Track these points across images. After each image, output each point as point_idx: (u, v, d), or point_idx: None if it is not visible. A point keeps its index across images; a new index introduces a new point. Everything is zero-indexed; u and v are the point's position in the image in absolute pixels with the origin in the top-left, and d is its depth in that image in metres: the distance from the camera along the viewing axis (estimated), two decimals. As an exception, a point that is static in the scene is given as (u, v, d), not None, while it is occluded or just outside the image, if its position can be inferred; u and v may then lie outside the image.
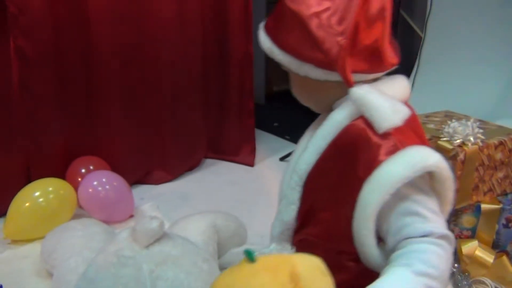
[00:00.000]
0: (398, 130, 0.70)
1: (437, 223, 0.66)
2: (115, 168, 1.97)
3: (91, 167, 1.93)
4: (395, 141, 0.69)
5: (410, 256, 0.62)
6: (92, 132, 2.01)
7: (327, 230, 0.76)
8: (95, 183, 1.81)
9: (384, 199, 0.65)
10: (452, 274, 1.34)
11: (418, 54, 2.40)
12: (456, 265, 1.33)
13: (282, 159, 2.52)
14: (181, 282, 1.15)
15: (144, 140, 2.12)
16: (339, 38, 0.71)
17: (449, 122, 1.36)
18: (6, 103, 1.78)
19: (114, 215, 1.80)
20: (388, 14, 0.75)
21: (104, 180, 1.83)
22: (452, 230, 1.16)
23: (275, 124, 3.13)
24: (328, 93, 0.82)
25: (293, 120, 3.27)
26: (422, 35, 2.47)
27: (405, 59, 2.67)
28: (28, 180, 1.85)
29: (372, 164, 0.68)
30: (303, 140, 0.92)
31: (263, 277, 0.50)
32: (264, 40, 0.83)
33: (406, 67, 2.75)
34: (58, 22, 1.80)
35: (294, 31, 0.76)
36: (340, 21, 0.71)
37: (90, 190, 1.80)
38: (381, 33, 0.75)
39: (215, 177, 2.27)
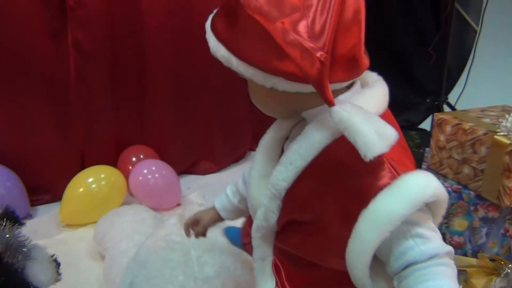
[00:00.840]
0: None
1: (439, 241, 0.62)
2: (164, 158, 2.03)
3: (141, 156, 1.99)
4: (388, 166, 0.62)
5: (427, 286, 0.58)
6: (143, 122, 2.08)
7: (311, 245, 0.70)
8: (145, 171, 1.87)
9: (383, 236, 0.59)
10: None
11: (474, 48, 2.31)
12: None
13: (327, 153, 2.49)
14: (228, 268, 1.18)
15: (192, 131, 2.16)
16: (319, 54, 0.58)
17: (506, 116, 1.30)
18: (64, 94, 1.87)
19: (162, 202, 1.85)
20: (363, 16, 0.67)
21: (153, 168, 1.88)
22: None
23: (321, 118, 3.09)
24: (298, 104, 0.70)
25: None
26: (478, 29, 2.37)
27: (460, 53, 2.58)
28: (82, 167, 1.93)
29: (366, 193, 0.60)
30: (270, 146, 0.78)
31: None
32: (217, 47, 0.69)
33: (460, 61, 2.65)
34: (113, 15, 1.87)
35: (257, 40, 0.62)
36: (317, 31, 0.59)
37: (140, 178, 1.86)
38: (357, 39, 0.67)
39: (260, 170, 2.28)
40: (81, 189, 1.76)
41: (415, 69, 2.80)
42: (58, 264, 0.94)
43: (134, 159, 1.99)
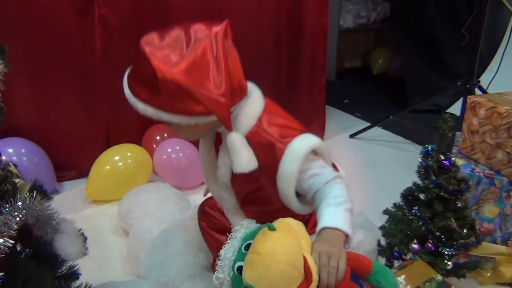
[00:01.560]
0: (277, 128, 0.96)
1: (328, 172, 0.95)
2: (187, 137, 2.02)
3: (165, 135, 1.99)
4: (278, 145, 0.93)
5: (326, 197, 0.90)
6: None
7: (265, 202, 1.03)
8: (169, 150, 1.88)
9: (293, 185, 0.93)
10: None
11: (510, 30, 2.21)
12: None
13: (352, 136, 2.46)
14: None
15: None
16: (222, 100, 0.86)
17: (545, 99, 1.25)
18: (90, 71, 1.87)
19: (186, 181, 1.85)
20: (237, 57, 0.95)
21: (177, 148, 1.88)
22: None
23: (346, 101, 3.06)
24: (213, 126, 0.98)
25: (364, 98, 3.19)
26: (513, 10, 2.27)
27: (492, 35, 2.48)
28: (107, 144, 1.95)
29: (274, 166, 0.93)
30: (207, 153, 1.07)
31: (288, 236, 0.77)
32: (145, 109, 0.92)
33: (493, 44, 2.56)
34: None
35: (179, 97, 0.86)
36: (218, 83, 0.86)
37: (164, 157, 1.87)
38: (240, 73, 0.95)
39: (284, 151, 2.26)
40: (107, 167, 1.78)
41: (445, 52, 2.72)
42: (85, 238, 0.95)
43: (158, 137, 1.99)
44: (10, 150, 1.71)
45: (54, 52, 1.78)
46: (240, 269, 0.76)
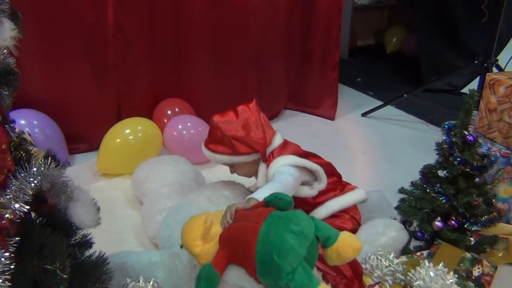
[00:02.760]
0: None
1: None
2: (198, 112, 2.02)
3: (177, 110, 1.99)
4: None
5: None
6: (179, 76, 2.06)
7: None
8: (180, 126, 1.87)
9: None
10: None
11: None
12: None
13: (364, 114, 2.44)
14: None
15: (228, 86, 2.13)
16: (261, 141, 1.32)
17: None
18: (102, 44, 1.85)
19: (197, 158, 1.84)
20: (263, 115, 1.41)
21: (189, 124, 1.87)
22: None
23: (358, 79, 3.02)
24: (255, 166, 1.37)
25: (377, 76, 3.15)
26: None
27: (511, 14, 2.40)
28: (119, 118, 1.95)
29: None
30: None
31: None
32: (221, 157, 1.34)
33: (511, 21, 2.49)
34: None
35: (236, 145, 1.31)
36: (258, 135, 1.33)
37: (175, 133, 1.86)
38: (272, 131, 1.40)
39: (295, 128, 2.26)
40: (118, 140, 1.78)
41: (462, 30, 2.66)
42: (98, 208, 0.95)
43: (169, 112, 1.98)
44: (23, 122, 1.71)
45: (66, 24, 1.76)
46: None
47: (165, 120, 1.94)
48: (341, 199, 1.33)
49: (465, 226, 1.21)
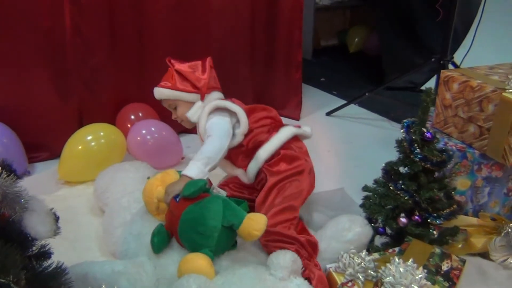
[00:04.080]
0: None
1: (209, 133, 1.35)
2: (163, 117, 1.99)
3: (140, 114, 1.96)
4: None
5: (198, 152, 1.30)
6: (142, 80, 2.03)
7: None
8: (143, 131, 1.84)
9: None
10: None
11: (482, 5, 2.23)
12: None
13: (328, 113, 2.47)
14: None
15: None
16: (203, 82, 1.44)
17: (515, 73, 1.27)
18: (60, 49, 1.81)
19: (162, 162, 1.83)
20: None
21: (153, 129, 1.85)
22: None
23: (322, 79, 3.06)
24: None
25: (340, 76, 3.20)
26: (486, -14, 2.30)
27: (466, 12, 2.50)
28: (81, 124, 1.90)
29: None
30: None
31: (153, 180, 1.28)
32: (162, 90, 1.46)
33: (466, 20, 2.58)
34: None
35: (185, 81, 1.44)
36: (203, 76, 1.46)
37: (139, 138, 1.83)
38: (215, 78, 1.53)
39: (261, 130, 2.26)
40: (80, 147, 1.74)
41: (420, 28, 2.73)
42: (57, 217, 0.92)
43: (133, 117, 1.95)
44: (-22, 131, 1.65)
45: (23, 29, 1.71)
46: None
47: (129, 125, 1.91)
48: (270, 142, 1.39)
49: (428, 220, 1.24)
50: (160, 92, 1.45)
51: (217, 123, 1.37)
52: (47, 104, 1.85)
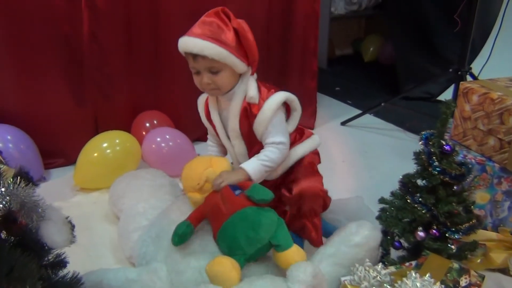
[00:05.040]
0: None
1: (278, 136, 1.22)
2: (177, 124, 2.00)
3: (155, 122, 1.96)
4: (261, 99, 1.23)
5: (260, 153, 1.24)
6: (158, 88, 2.04)
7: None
8: (158, 139, 1.84)
9: (264, 130, 1.24)
10: None
11: (502, 17, 2.21)
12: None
13: (343, 123, 2.45)
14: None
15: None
16: (256, 55, 1.26)
17: (537, 85, 1.25)
18: (78, 56, 1.83)
19: (176, 170, 1.82)
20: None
21: (167, 137, 1.85)
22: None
23: (337, 88, 3.04)
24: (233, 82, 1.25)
25: (355, 85, 3.18)
26: (505, -3, 2.27)
27: (484, 22, 2.47)
28: (96, 131, 1.92)
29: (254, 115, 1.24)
30: (216, 115, 1.33)
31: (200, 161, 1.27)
32: (209, 45, 1.16)
33: (484, 31, 2.56)
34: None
35: (240, 46, 1.21)
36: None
37: (154, 146, 1.84)
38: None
39: (275, 138, 2.25)
40: (95, 154, 1.75)
41: (436, 39, 2.71)
42: (72, 226, 0.92)
43: (148, 124, 1.96)
44: (-4, 137, 1.67)
45: (41, 36, 1.73)
46: None
47: (144, 133, 1.92)
48: (300, 147, 1.33)
49: (447, 234, 1.22)
50: (209, 49, 1.15)
51: (283, 124, 1.26)
52: (64, 111, 1.87)
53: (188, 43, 1.18)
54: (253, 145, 1.31)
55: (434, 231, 1.22)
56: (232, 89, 1.24)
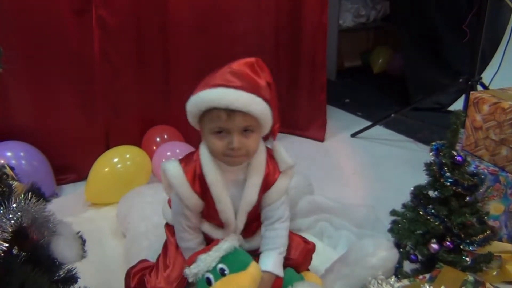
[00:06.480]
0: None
1: (287, 209, 1.14)
2: (187, 138, 2.01)
3: (165, 136, 1.98)
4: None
5: (274, 241, 1.12)
6: (168, 102, 2.06)
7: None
8: (168, 153, 1.85)
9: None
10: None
11: (511, 26, 2.20)
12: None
13: (354, 135, 2.44)
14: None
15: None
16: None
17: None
18: (88, 72, 1.86)
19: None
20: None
21: (178, 151, 1.86)
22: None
23: (347, 100, 3.04)
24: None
25: (365, 97, 3.18)
26: (514, 7, 2.27)
27: (493, 33, 2.46)
28: (107, 146, 1.93)
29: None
30: (232, 185, 1.08)
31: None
32: (258, 100, 0.98)
33: (494, 41, 2.54)
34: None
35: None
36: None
37: (164, 160, 1.84)
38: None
39: (285, 151, 2.25)
40: (106, 169, 1.76)
41: (446, 49, 2.70)
42: (83, 241, 0.93)
43: (158, 139, 1.97)
44: (9, 154, 1.69)
45: (52, 53, 1.76)
46: (208, 279, 0.99)
47: (154, 147, 1.93)
48: None
49: (461, 246, 1.20)
50: (256, 104, 0.96)
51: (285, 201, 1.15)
52: (75, 126, 1.89)
53: (230, 95, 0.95)
54: (253, 221, 1.16)
55: (448, 243, 1.20)
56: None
